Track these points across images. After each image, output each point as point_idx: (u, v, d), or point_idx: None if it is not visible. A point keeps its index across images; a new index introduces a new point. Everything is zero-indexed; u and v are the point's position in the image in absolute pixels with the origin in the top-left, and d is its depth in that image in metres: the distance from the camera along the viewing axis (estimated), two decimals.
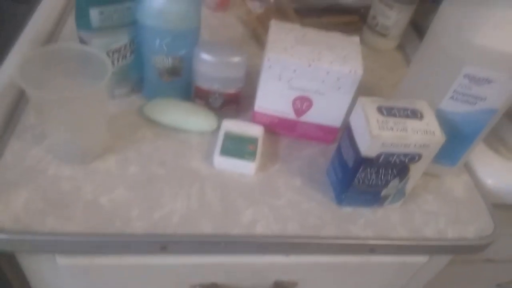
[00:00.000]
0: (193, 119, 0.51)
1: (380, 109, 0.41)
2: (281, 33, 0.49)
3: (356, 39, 0.51)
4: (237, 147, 0.48)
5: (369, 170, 0.42)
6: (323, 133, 0.53)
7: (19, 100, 0.50)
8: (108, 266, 0.45)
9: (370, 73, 0.66)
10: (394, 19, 0.67)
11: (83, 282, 0.48)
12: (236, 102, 0.53)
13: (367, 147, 0.40)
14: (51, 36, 0.60)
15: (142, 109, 0.52)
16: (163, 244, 0.41)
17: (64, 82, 0.43)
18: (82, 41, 0.47)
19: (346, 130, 0.45)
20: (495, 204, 0.52)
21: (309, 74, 0.46)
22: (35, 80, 0.39)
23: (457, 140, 0.47)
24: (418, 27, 0.76)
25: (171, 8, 0.45)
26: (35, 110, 0.42)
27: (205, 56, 0.47)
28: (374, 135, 0.39)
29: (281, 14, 0.73)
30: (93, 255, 0.44)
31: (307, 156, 0.52)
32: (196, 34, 0.49)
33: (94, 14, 0.44)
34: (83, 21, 0.45)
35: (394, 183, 0.44)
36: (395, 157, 0.41)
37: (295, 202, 0.46)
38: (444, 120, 0.44)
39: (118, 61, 0.50)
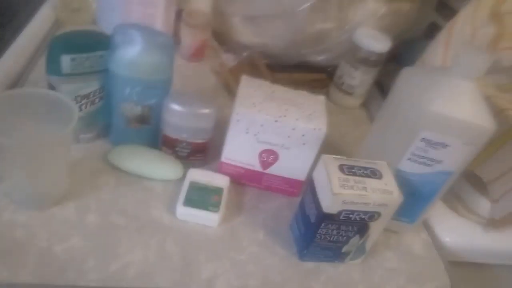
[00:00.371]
0: (158, 167, 0.50)
1: (341, 168, 0.43)
2: (250, 88, 0.50)
3: (321, 98, 0.53)
4: (201, 197, 0.48)
5: (330, 226, 0.43)
6: (288, 186, 0.53)
7: None
8: None
9: (335, 128, 0.68)
10: (359, 79, 0.71)
11: None
12: (204, 152, 0.53)
13: (329, 204, 0.41)
14: (19, 80, 0.59)
15: (107, 155, 0.51)
16: None
17: (29, 126, 0.42)
18: (50, 86, 0.46)
19: (309, 185, 0.46)
20: (452, 262, 0.53)
21: (275, 129, 0.48)
22: None
23: (415, 199, 0.49)
24: (381, 86, 0.80)
25: (144, 60, 0.46)
26: None
27: (174, 107, 0.48)
28: (335, 193, 0.40)
29: (254, 68, 0.75)
30: None
31: (272, 208, 0.52)
32: (167, 84, 0.50)
33: (66, 60, 0.45)
34: (53, 67, 0.45)
35: (355, 240, 0.45)
36: (355, 215, 0.42)
37: (258, 256, 0.46)
38: (403, 180, 0.46)
39: (86, 106, 0.50)
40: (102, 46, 0.46)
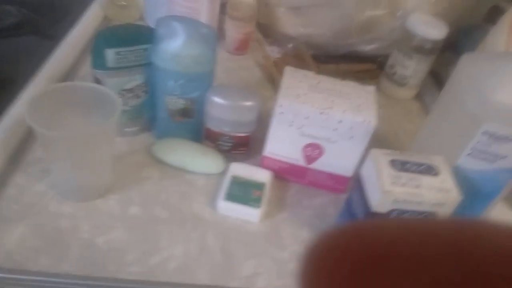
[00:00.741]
0: (200, 161, 0.50)
1: (393, 163, 0.40)
2: (295, 80, 0.48)
3: (371, 88, 0.50)
4: (243, 192, 0.46)
5: None
6: (333, 182, 0.51)
7: (30, 134, 0.50)
8: None
9: (386, 122, 0.64)
10: (413, 69, 0.66)
11: None
12: (246, 146, 0.52)
13: (378, 202, 0.38)
14: (68, 75, 0.61)
15: (151, 149, 0.51)
16: None
17: (75, 120, 0.43)
18: (96, 80, 0.47)
19: (357, 182, 0.43)
20: None
21: (321, 122, 0.45)
22: (45, 117, 0.39)
23: (475, 198, 0.44)
24: (437, 77, 0.75)
25: (186, 52, 0.45)
26: (42, 146, 0.42)
27: (217, 100, 0.47)
28: (385, 190, 0.37)
29: (299, 60, 0.73)
30: None
31: (316, 205, 0.50)
32: (210, 77, 0.49)
33: (110, 54, 0.45)
34: (98, 61, 0.45)
35: None
36: (408, 215, 0.39)
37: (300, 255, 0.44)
38: (462, 177, 0.42)
39: (131, 100, 0.50)
40: (146, 39, 0.46)
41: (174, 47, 0.44)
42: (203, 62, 0.46)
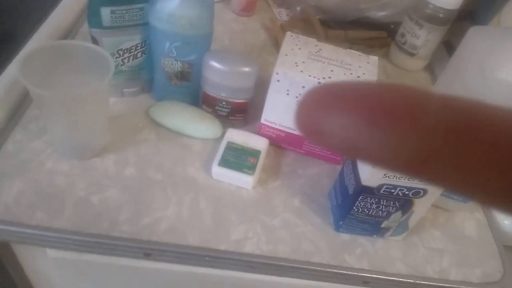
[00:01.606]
0: (197, 125, 0.50)
1: None
2: (294, 46, 0.47)
3: (374, 59, 0.48)
4: (237, 159, 0.46)
5: (369, 200, 0.40)
6: (330, 153, 0.50)
7: (28, 92, 0.51)
8: (96, 263, 0.45)
9: None
10: (424, 38, 0.64)
11: (73, 275, 0.48)
12: (244, 112, 0.51)
13: (368, 176, 0.38)
14: (70, 32, 0.60)
15: (149, 110, 0.51)
16: (147, 251, 0.41)
17: (70, 78, 0.43)
18: (93, 39, 0.46)
19: None
20: (509, 247, 0.48)
21: None
22: (39, 75, 0.39)
23: None
24: (450, 47, 0.72)
25: (182, 13, 0.44)
26: (37, 105, 0.42)
27: (214, 64, 0.46)
28: None
29: (306, 24, 0.71)
30: (83, 252, 0.44)
31: (311, 175, 0.50)
32: (207, 40, 0.48)
33: (106, 13, 0.44)
34: (94, 20, 0.45)
35: (396, 216, 0.42)
36: (397, 190, 0.39)
37: (291, 223, 0.45)
38: None
39: (128, 60, 0.49)
40: None
41: (170, 7, 0.43)
42: (199, 24, 0.45)
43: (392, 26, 0.71)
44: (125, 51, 0.48)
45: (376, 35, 0.70)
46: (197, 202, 0.44)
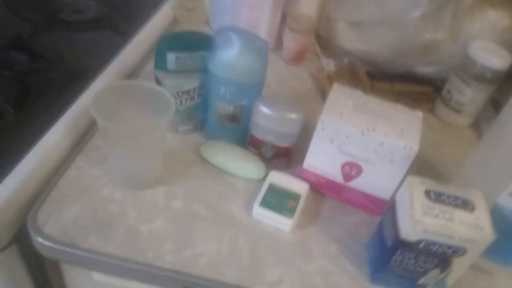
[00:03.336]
0: (242, 165, 0.52)
1: (428, 193, 0.40)
2: (341, 97, 0.49)
3: (419, 114, 0.49)
4: (278, 201, 0.48)
5: (407, 254, 0.40)
6: (370, 203, 0.51)
7: (95, 121, 0.56)
8: None
9: (436, 148, 0.63)
10: (470, 96, 0.65)
11: None
12: (288, 156, 0.54)
13: (408, 230, 0.39)
14: (135, 70, 0.66)
15: (199, 148, 0.54)
16: (187, 284, 0.42)
17: (133, 114, 0.47)
18: (157, 80, 0.51)
19: (391, 206, 0.43)
20: None
21: (361, 142, 0.46)
22: (107, 109, 0.43)
23: None
24: (498, 106, 0.72)
25: (239, 62, 0.48)
26: (102, 136, 0.47)
27: (263, 109, 0.49)
28: (416, 220, 0.37)
29: (353, 75, 0.73)
30: (126, 278, 0.46)
31: (350, 223, 0.51)
32: (259, 87, 0.51)
33: (171, 58, 0.49)
34: (160, 63, 0.49)
35: (434, 273, 0.41)
36: (437, 247, 0.39)
37: (326, 270, 0.45)
38: (501, 216, 0.41)
39: (186, 101, 0.54)
40: (205, 46, 0.49)
41: (229, 56, 0.47)
42: (254, 73, 0.49)
43: (438, 82, 0.72)
44: (184, 92, 0.52)
45: (422, 90, 0.72)
46: (236, 239, 0.46)
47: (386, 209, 0.45)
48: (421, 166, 0.59)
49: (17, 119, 0.51)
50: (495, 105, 0.72)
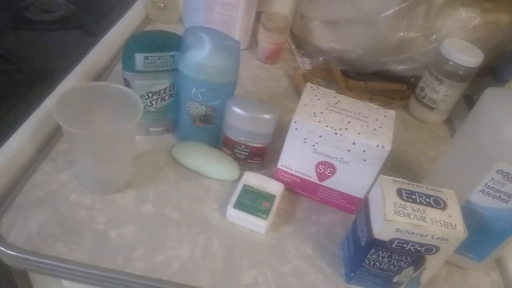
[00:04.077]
0: (215, 166, 0.51)
1: (400, 192, 0.39)
2: (314, 97, 0.49)
3: (392, 113, 0.49)
4: (252, 202, 0.47)
5: (381, 253, 0.40)
6: (345, 202, 0.51)
7: (59, 126, 0.54)
8: None
9: (410, 145, 0.64)
10: (443, 94, 0.65)
11: None
12: (262, 156, 0.53)
13: (380, 229, 0.38)
14: (104, 71, 0.64)
15: (171, 150, 0.53)
16: None
17: (100, 117, 0.45)
18: (125, 81, 0.50)
19: (364, 205, 0.43)
20: None
21: (334, 142, 0.46)
22: (72, 113, 0.42)
23: (486, 235, 0.43)
24: (471, 103, 0.73)
25: (209, 63, 0.47)
26: (68, 141, 0.45)
27: (235, 110, 0.49)
28: (388, 219, 0.37)
29: (328, 74, 0.73)
30: (96, 285, 0.45)
31: (325, 222, 0.50)
32: (231, 87, 0.50)
33: (139, 58, 0.47)
34: (128, 64, 0.48)
35: (408, 271, 0.41)
36: (410, 245, 0.39)
37: (302, 271, 0.45)
38: (473, 213, 0.41)
39: (156, 102, 0.52)
40: (174, 47, 0.48)
41: (199, 57, 0.46)
42: (225, 73, 0.48)
43: (412, 80, 0.72)
44: (154, 93, 0.51)
45: (397, 87, 0.72)
46: (210, 243, 0.45)
47: (359, 208, 0.45)
48: (396, 164, 0.60)
49: None
50: (468, 102, 0.73)
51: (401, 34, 0.65)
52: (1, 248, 0.41)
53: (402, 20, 0.64)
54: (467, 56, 0.61)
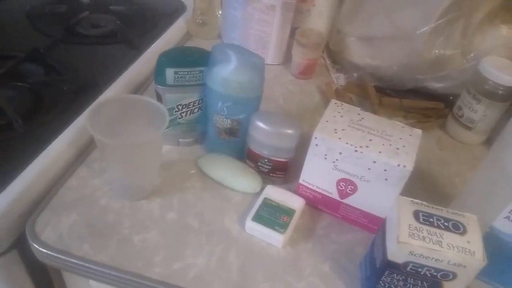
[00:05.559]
0: (239, 179, 0.53)
1: (416, 214, 0.38)
2: (337, 114, 0.49)
3: (418, 132, 0.48)
4: (271, 215, 0.48)
5: (396, 276, 0.39)
6: (367, 221, 0.50)
7: None
8: None
9: (445, 166, 0.61)
10: (481, 113, 0.62)
11: None
12: (285, 170, 0.53)
13: (394, 252, 0.37)
14: (142, 86, 0.68)
15: (197, 161, 0.55)
16: None
17: (132, 128, 0.48)
18: (157, 95, 0.52)
19: (382, 226, 0.42)
20: None
21: (355, 159, 0.45)
22: (105, 122, 0.45)
23: (510, 265, 0.41)
24: None
25: (234, 78, 0.48)
26: (99, 148, 0.48)
27: (259, 124, 0.50)
28: (400, 241, 0.36)
29: (361, 90, 0.73)
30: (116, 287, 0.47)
31: (345, 241, 0.50)
32: (256, 102, 0.52)
33: (170, 73, 0.50)
34: (160, 78, 0.51)
35: None
36: (425, 270, 0.37)
37: None
38: (497, 240, 0.39)
39: (186, 114, 0.55)
40: (203, 62, 0.50)
41: (224, 72, 0.48)
42: (249, 88, 0.49)
43: (451, 98, 0.70)
44: (184, 106, 0.54)
45: (433, 105, 0.70)
46: (227, 253, 0.46)
47: (379, 228, 0.44)
48: (426, 184, 0.58)
49: (26, 129, 0.54)
50: None
51: (437, 51, 0.63)
52: (35, 245, 0.44)
53: (439, 36, 0.62)
54: (508, 75, 0.58)
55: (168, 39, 0.79)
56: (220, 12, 0.80)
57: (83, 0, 0.86)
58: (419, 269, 0.38)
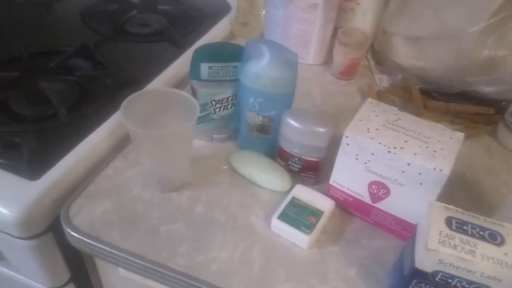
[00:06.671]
0: (268, 176, 0.52)
1: (449, 221, 0.36)
2: (371, 113, 0.47)
3: (459, 135, 0.45)
4: (298, 215, 0.47)
5: (423, 285, 0.37)
6: (400, 227, 0.48)
7: None
8: None
9: (492, 176, 0.57)
10: None
11: None
12: (315, 170, 0.52)
13: (422, 259, 0.35)
14: (183, 81, 0.69)
15: (229, 157, 0.55)
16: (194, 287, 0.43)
17: (165, 120, 0.49)
18: (192, 89, 0.53)
19: (413, 233, 0.40)
20: None
21: (387, 161, 0.43)
22: (140, 114, 0.46)
23: None
24: None
25: (266, 73, 0.48)
26: (131, 139, 0.50)
27: (290, 121, 0.49)
28: (429, 248, 0.34)
29: (405, 92, 0.69)
30: (140, 275, 0.48)
31: (376, 247, 0.48)
32: (288, 99, 0.51)
33: (204, 68, 0.51)
34: (194, 73, 0.51)
35: None
36: (455, 281, 0.35)
37: None
38: None
39: (219, 110, 0.55)
40: (236, 58, 0.50)
41: (256, 67, 0.48)
42: (281, 84, 0.49)
43: (503, 103, 0.65)
44: (218, 102, 0.54)
45: (483, 111, 0.65)
46: (250, 250, 0.46)
47: (411, 235, 0.42)
48: (471, 193, 0.54)
49: (69, 120, 0.57)
50: None
51: (488, 52, 0.59)
52: (67, 229, 0.46)
53: (490, 36, 0.58)
54: None
55: (211, 38, 0.80)
56: (264, 12, 0.80)
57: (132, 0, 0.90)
58: (449, 280, 0.35)
